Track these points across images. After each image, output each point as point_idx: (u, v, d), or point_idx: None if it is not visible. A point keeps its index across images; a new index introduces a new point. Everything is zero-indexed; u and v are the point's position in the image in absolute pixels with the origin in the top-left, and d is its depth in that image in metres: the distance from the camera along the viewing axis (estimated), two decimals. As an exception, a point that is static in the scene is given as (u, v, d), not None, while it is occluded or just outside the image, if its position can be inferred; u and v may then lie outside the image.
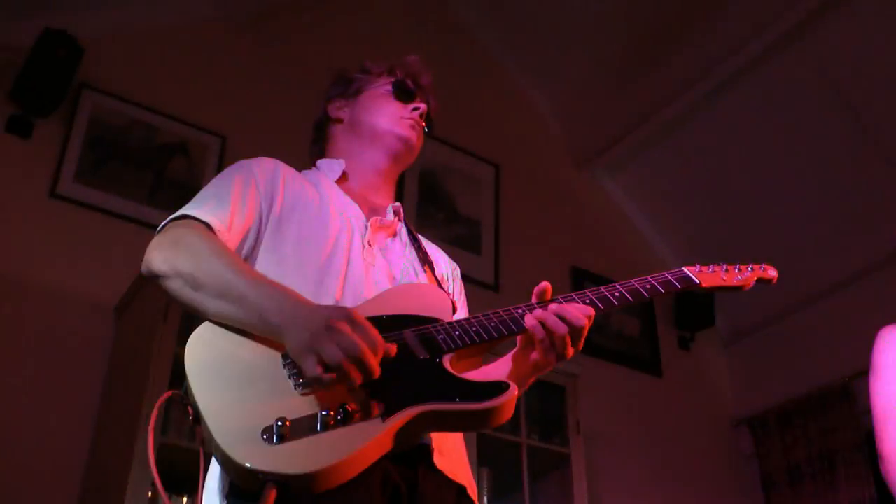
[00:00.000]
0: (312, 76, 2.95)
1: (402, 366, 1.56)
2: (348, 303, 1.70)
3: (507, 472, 4.22)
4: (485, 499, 4.09)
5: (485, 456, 4.08)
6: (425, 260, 2.00)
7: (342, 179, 2.02)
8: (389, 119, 2.05)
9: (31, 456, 3.49)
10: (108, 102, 4.31)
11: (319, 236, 1.81)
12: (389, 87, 2.09)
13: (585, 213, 6.02)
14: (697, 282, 1.92)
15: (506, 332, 1.70)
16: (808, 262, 5.32)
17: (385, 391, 1.49)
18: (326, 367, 1.44)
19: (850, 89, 5.07)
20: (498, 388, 1.54)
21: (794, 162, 5.45)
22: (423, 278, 1.93)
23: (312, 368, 1.44)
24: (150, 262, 1.67)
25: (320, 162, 2.09)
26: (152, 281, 1.67)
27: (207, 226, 1.70)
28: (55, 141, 4.10)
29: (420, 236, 2.10)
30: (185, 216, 1.72)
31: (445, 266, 2.11)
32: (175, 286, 1.63)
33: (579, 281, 5.60)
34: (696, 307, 5.88)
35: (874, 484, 5.20)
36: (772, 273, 1.96)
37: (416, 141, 2.07)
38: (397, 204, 2.05)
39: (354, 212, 1.93)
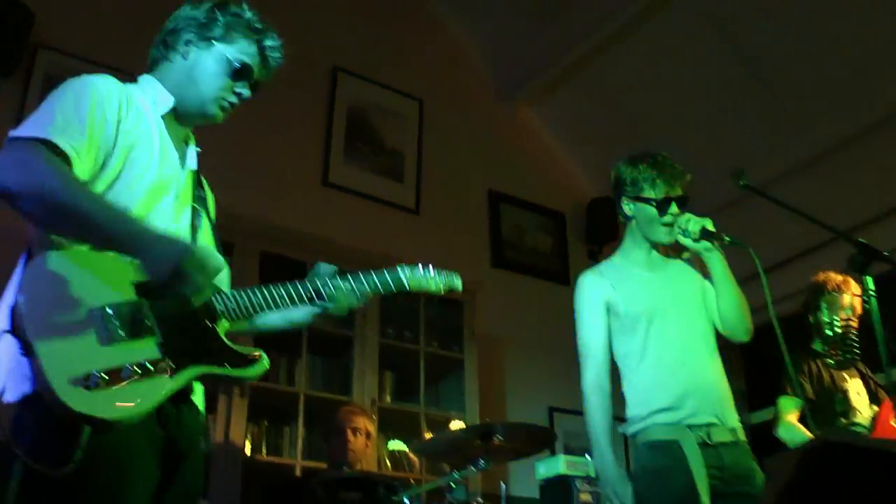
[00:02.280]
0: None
1: (189, 330, 1.90)
2: None
3: (408, 376, 5.03)
4: (388, 398, 4.93)
5: (386, 361, 4.90)
6: (204, 202, 2.24)
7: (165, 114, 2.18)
8: (212, 94, 2.17)
9: None
10: (62, 60, 4.90)
11: (146, 179, 2.01)
12: (232, 64, 2.18)
13: (504, 143, 6.71)
14: (406, 284, 2.32)
15: (275, 307, 2.08)
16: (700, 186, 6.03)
17: (175, 352, 1.84)
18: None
19: (736, 29, 5.71)
20: (256, 361, 1.98)
21: (688, 95, 6.12)
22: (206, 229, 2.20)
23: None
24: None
25: (150, 85, 2.18)
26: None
27: (61, 150, 1.84)
28: (15, 99, 4.72)
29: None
30: (39, 139, 1.84)
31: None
32: (25, 207, 1.78)
33: (495, 203, 6.36)
34: (603, 224, 6.59)
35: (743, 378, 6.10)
36: (457, 282, 2.45)
37: (219, 120, 2.22)
38: (199, 150, 2.25)
39: (173, 160, 2.12)
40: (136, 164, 2.00)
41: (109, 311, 1.77)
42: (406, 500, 3.27)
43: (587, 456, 4.45)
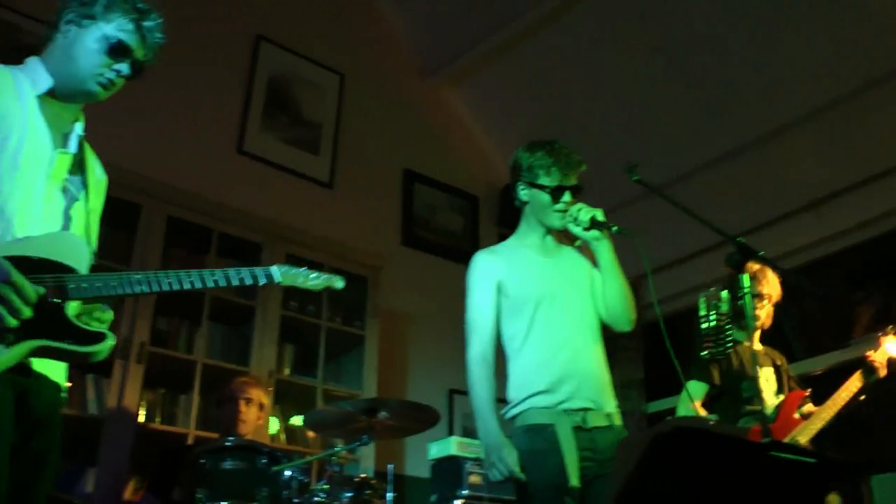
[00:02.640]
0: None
1: (39, 308, 1.98)
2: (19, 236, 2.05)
3: (308, 349, 5.05)
4: (286, 371, 4.95)
5: (288, 334, 4.91)
6: (85, 184, 2.28)
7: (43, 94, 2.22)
8: (88, 71, 2.22)
9: None
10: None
11: (17, 160, 2.07)
12: (108, 41, 2.23)
13: (425, 121, 6.76)
14: (279, 280, 2.29)
15: (125, 292, 2.15)
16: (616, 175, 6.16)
17: (19, 326, 1.95)
18: None
19: (654, 20, 5.84)
20: (98, 337, 2.06)
21: (609, 84, 6.24)
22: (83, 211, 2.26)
23: None
24: None
25: (32, 66, 2.24)
26: None
27: None
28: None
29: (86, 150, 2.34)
30: None
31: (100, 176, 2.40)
32: None
33: (409, 182, 6.40)
34: (516, 208, 6.66)
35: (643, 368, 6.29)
36: (339, 284, 2.41)
37: (102, 98, 2.27)
38: (81, 128, 2.29)
39: (45, 141, 2.16)
40: (5, 144, 2.05)
41: None
42: (288, 472, 3.29)
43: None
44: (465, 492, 4.39)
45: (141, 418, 4.34)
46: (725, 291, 2.96)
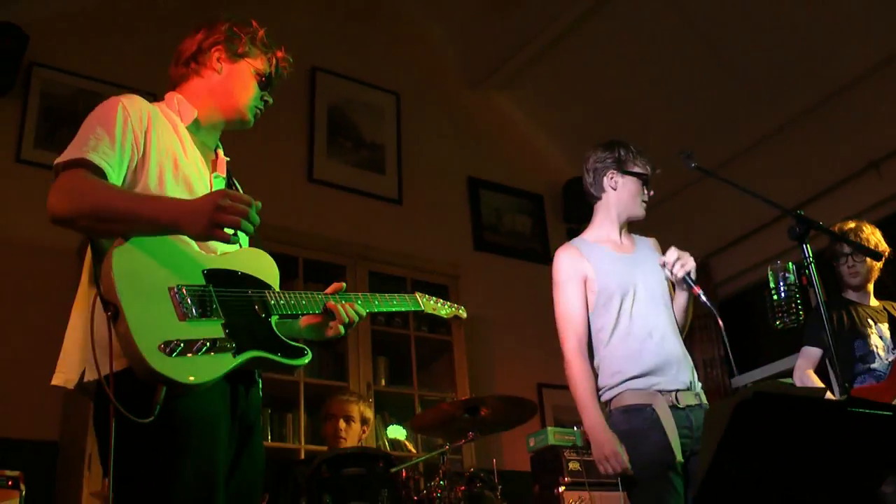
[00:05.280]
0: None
1: (249, 320, 2.16)
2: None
3: (401, 360, 5.40)
4: (382, 382, 5.29)
5: (380, 347, 5.26)
6: None
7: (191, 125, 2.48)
8: (246, 102, 2.50)
9: (12, 393, 4.48)
10: (56, 76, 5.25)
11: (178, 186, 2.28)
12: (259, 75, 2.52)
13: (480, 129, 7.08)
14: (422, 307, 2.73)
15: (315, 311, 2.38)
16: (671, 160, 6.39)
17: (238, 336, 2.10)
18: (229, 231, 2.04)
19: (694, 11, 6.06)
20: (302, 351, 2.22)
21: (651, 75, 6.48)
22: None
23: (225, 237, 2.04)
24: (53, 209, 2.07)
25: (179, 101, 2.47)
26: (61, 224, 2.07)
27: (96, 167, 2.13)
28: (15, 115, 5.08)
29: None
30: (77, 160, 2.13)
31: None
32: (83, 225, 2.07)
33: (474, 189, 6.71)
34: (580, 203, 6.90)
35: (722, 345, 6.43)
36: (464, 314, 2.86)
37: (250, 126, 2.58)
38: (224, 158, 2.56)
39: (202, 166, 2.40)
40: (167, 170, 2.27)
41: (185, 291, 2.07)
42: (403, 472, 3.60)
43: (575, 428, 4.83)
44: (566, 479, 4.65)
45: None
46: (790, 263, 3.15)
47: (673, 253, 3.27)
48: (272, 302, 2.24)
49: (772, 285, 3.29)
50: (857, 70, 5.75)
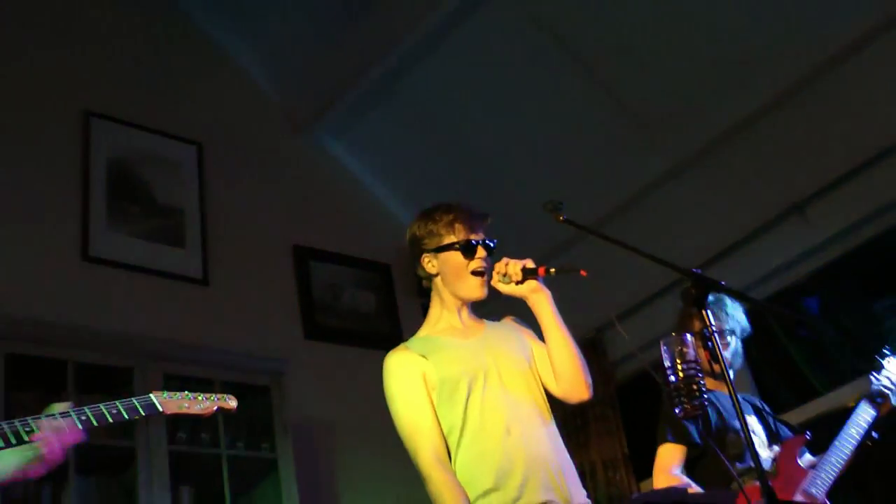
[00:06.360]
0: None
1: None
2: None
3: (210, 487, 5.06)
4: (187, 518, 4.96)
5: (181, 473, 4.92)
6: None
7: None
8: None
9: None
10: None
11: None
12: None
13: (308, 185, 6.91)
14: (160, 409, 2.68)
15: None
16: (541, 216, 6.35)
17: None
18: None
19: (560, 25, 6.05)
20: None
21: (515, 106, 6.44)
22: None
23: None
24: None
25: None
26: None
27: None
28: None
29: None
30: None
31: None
32: None
33: (303, 261, 6.50)
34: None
35: (625, 440, 6.35)
36: (232, 403, 2.85)
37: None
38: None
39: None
40: None
41: None
42: None
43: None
44: None
45: None
46: (689, 335, 3.08)
47: (500, 264, 3.31)
48: None
49: (666, 364, 3.22)
50: (767, 98, 5.81)
